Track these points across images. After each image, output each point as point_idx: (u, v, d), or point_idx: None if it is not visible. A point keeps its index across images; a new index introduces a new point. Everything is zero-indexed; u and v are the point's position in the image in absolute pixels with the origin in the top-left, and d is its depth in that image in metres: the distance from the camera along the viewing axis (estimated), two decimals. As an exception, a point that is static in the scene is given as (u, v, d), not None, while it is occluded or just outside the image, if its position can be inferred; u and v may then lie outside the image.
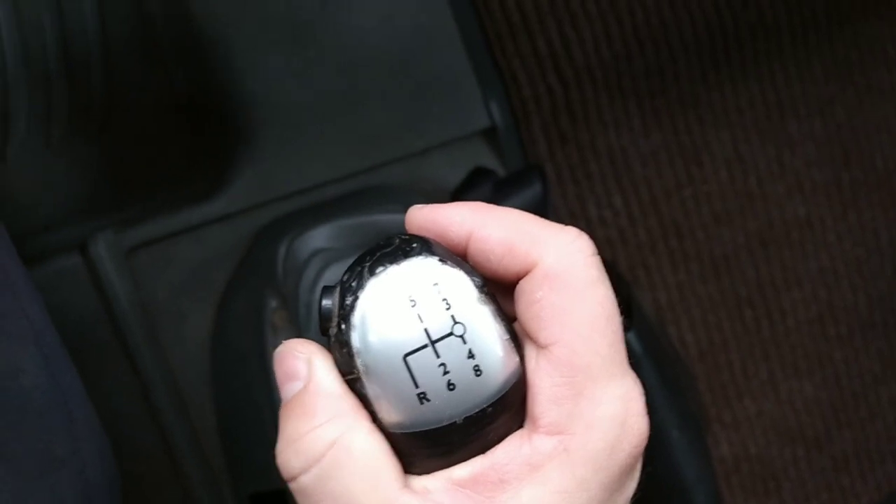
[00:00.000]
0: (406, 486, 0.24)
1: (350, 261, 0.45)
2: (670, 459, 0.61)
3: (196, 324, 0.57)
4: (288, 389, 0.24)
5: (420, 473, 0.24)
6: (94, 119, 0.57)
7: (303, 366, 0.24)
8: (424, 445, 0.24)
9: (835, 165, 0.79)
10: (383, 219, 0.52)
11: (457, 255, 0.25)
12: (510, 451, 0.24)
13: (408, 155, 0.61)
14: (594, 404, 0.24)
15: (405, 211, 0.54)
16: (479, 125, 0.64)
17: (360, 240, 0.51)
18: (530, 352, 0.25)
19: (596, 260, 0.25)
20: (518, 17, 0.67)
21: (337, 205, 0.57)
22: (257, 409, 0.53)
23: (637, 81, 0.71)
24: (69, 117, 0.55)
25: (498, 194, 0.58)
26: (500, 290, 0.25)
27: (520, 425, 0.25)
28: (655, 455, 0.61)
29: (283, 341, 0.25)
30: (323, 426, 0.23)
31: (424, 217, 0.26)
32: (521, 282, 0.24)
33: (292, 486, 0.24)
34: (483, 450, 0.24)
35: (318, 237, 0.51)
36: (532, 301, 0.24)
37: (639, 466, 0.25)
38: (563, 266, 0.24)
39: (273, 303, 0.52)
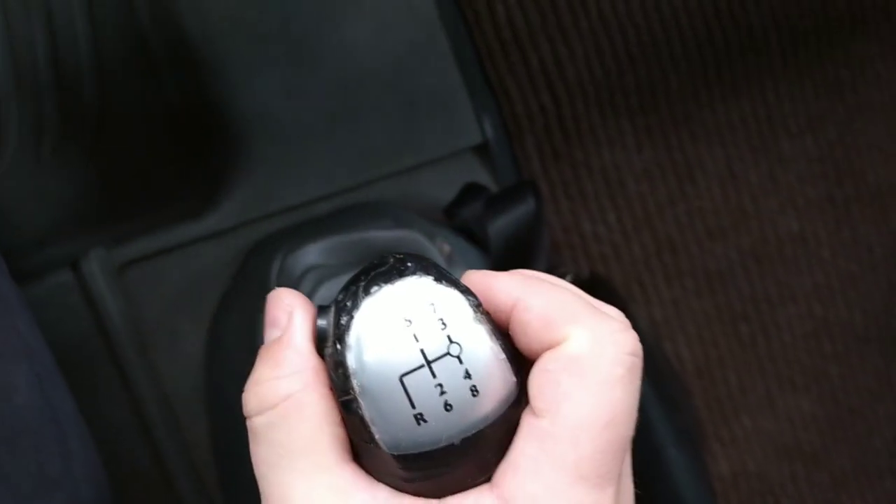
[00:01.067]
0: (350, 462, 0.24)
1: (343, 278, 0.45)
2: (668, 477, 0.61)
3: (189, 340, 0.57)
4: (268, 335, 0.25)
5: (416, 495, 0.24)
6: (86, 135, 0.57)
7: (283, 316, 0.25)
8: (421, 467, 0.24)
9: (827, 182, 0.79)
10: (376, 235, 0.52)
11: (455, 277, 0.25)
12: (462, 500, 0.23)
13: (400, 171, 0.61)
14: (551, 499, 0.23)
15: (397, 227, 0.54)
16: (471, 141, 0.64)
17: (354, 256, 0.51)
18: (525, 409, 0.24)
19: (630, 360, 0.24)
20: (510, 34, 0.67)
21: (330, 221, 0.57)
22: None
23: (629, 98, 0.72)
24: (60, 132, 0.55)
25: (491, 211, 0.58)
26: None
27: None
28: (653, 473, 0.60)
29: (276, 287, 0.26)
30: (283, 378, 0.24)
31: (477, 282, 0.25)
32: (543, 355, 0.24)
33: (247, 423, 0.25)
34: (481, 472, 0.24)
35: (312, 254, 0.51)
36: (543, 369, 0.23)
37: None
38: (589, 352, 0.23)
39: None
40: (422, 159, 0.62)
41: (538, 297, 0.24)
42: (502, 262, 0.58)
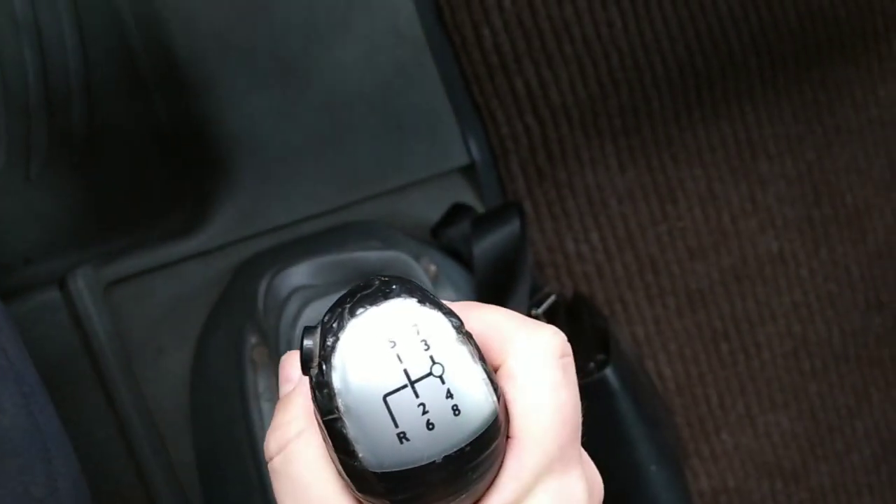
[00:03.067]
0: (348, 494, 0.26)
1: (330, 299, 0.46)
2: (649, 494, 0.61)
3: (175, 359, 0.57)
4: (283, 389, 0.29)
5: None
6: (75, 153, 0.57)
7: (296, 373, 0.28)
8: (404, 486, 0.24)
9: (806, 203, 0.81)
10: (363, 256, 0.53)
11: (438, 300, 0.25)
12: None
13: (388, 191, 0.62)
14: (533, 501, 0.25)
15: (385, 247, 0.54)
16: (458, 162, 0.65)
17: (341, 276, 0.52)
18: None
19: (563, 362, 0.26)
20: (496, 59, 0.68)
21: (317, 241, 0.58)
22: (236, 444, 0.53)
23: (612, 121, 0.73)
24: (49, 150, 0.55)
25: (477, 231, 0.59)
26: None
27: (500, 465, 0.25)
28: (634, 489, 0.61)
29: (288, 352, 0.29)
30: (294, 420, 0.27)
31: None
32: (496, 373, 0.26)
33: (269, 466, 0.28)
34: (463, 490, 0.25)
35: (299, 274, 0.51)
36: (501, 392, 0.26)
37: None
38: (523, 369, 0.26)
39: (253, 339, 0.52)
40: (408, 180, 0.63)
41: (473, 322, 0.26)
42: (487, 281, 0.59)
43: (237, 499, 0.54)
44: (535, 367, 0.26)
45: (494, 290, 0.58)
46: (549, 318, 0.60)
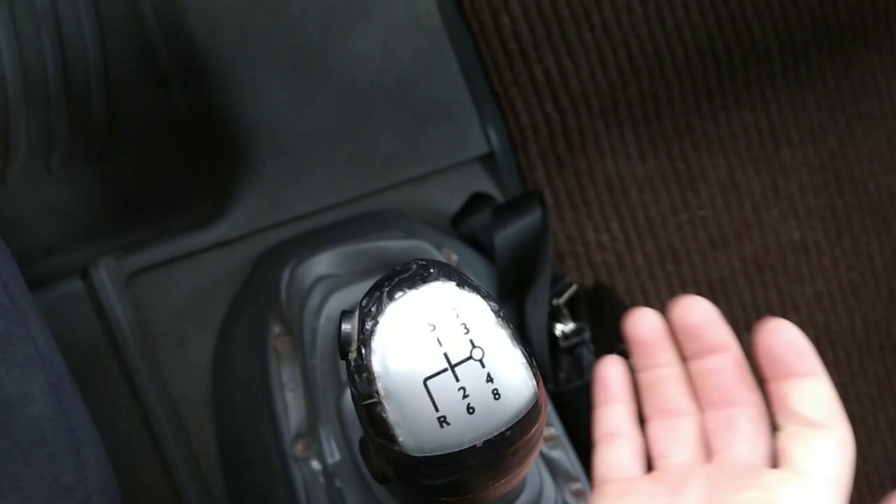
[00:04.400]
0: None
1: (353, 288, 0.45)
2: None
3: (197, 349, 0.57)
4: None
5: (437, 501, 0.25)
6: (95, 144, 0.57)
7: None
8: (444, 471, 0.24)
9: (828, 191, 0.80)
10: (385, 245, 0.53)
11: (476, 283, 0.25)
12: None
13: (407, 180, 0.62)
14: None
15: (406, 236, 0.54)
16: (477, 151, 0.65)
17: (363, 266, 0.51)
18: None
19: None
20: (515, 46, 0.68)
21: (338, 231, 0.57)
22: (259, 433, 0.53)
23: (633, 109, 0.72)
24: (69, 142, 0.56)
25: (498, 220, 0.59)
26: None
27: (538, 450, 0.25)
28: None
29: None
30: None
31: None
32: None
33: None
34: (502, 475, 0.24)
35: (321, 264, 0.51)
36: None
37: None
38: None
39: (276, 329, 0.52)
40: (428, 169, 0.62)
41: None
42: (508, 271, 0.58)
43: (260, 488, 0.54)
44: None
45: (516, 280, 0.58)
46: (571, 308, 0.59)
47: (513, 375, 0.24)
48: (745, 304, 0.78)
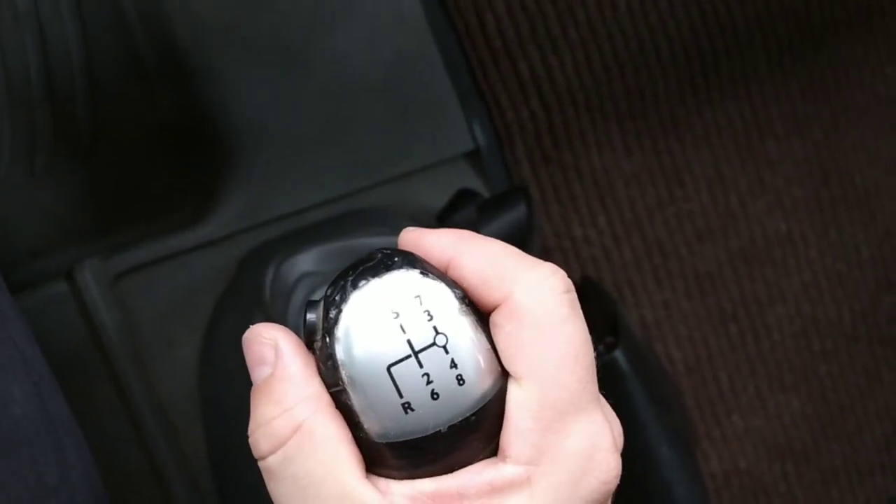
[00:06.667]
0: (366, 478, 0.24)
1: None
2: (661, 477, 0.61)
3: (184, 348, 0.57)
4: (257, 374, 0.26)
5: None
6: (79, 146, 0.57)
7: (269, 351, 0.25)
8: (409, 456, 0.24)
9: (814, 183, 0.80)
10: (369, 242, 0.53)
11: (440, 271, 0.25)
12: (475, 470, 0.24)
13: (393, 178, 0.62)
14: (560, 438, 0.24)
15: (391, 234, 0.55)
16: (462, 148, 0.65)
17: (348, 263, 0.52)
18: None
19: (568, 297, 0.25)
20: (500, 43, 0.68)
21: (323, 228, 0.58)
22: (247, 431, 0.53)
23: (618, 104, 0.73)
24: (54, 144, 0.56)
25: (483, 216, 0.59)
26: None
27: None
28: (645, 472, 0.61)
29: (250, 326, 0.26)
30: (288, 412, 0.24)
31: (411, 241, 0.27)
32: (494, 314, 0.25)
33: (261, 465, 0.25)
34: (467, 461, 0.25)
35: (305, 261, 0.51)
36: (503, 334, 0.25)
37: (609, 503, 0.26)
38: (532, 303, 0.25)
39: (261, 327, 0.52)
40: (413, 166, 0.62)
41: (470, 257, 0.25)
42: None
43: (249, 487, 0.54)
44: (542, 301, 0.24)
45: (502, 275, 0.58)
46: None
47: (476, 361, 0.24)
48: (733, 296, 0.78)
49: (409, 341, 0.24)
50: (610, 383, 0.58)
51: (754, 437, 0.79)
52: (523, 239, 0.59)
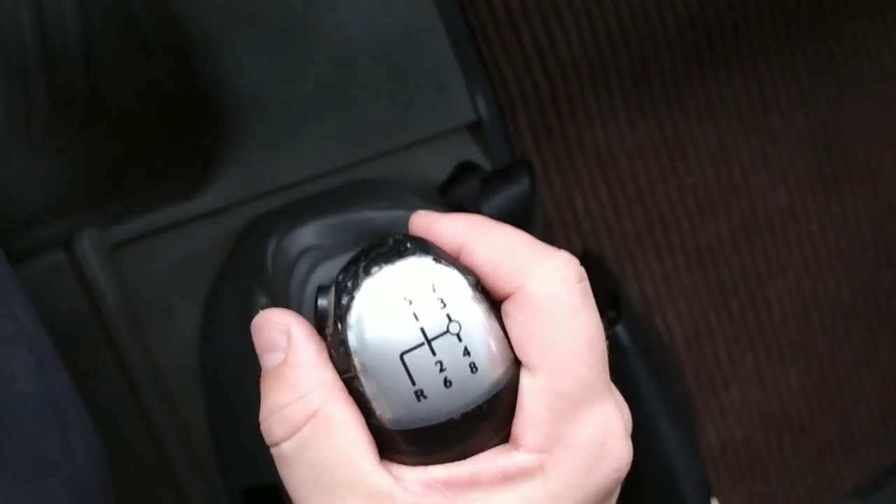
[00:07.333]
0: (380, 464, 0.24)
1: (340, 259, 0.45)
2: (659, 450, 0.62)
3: (183, 320, 0.57)
4: (268, 360, 0.25)
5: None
6: (76, 115, 0.56)
7: (281, 337, 0.25)
8: (421, 443, 0.24)
9: (818, 157, 0.80)
10: (373, 215, 0.52)
11: (454, 258, 0.25)
12: (488, 457, 0.25)
13: (394, 149, 0.61)
14: (573, 427, 0.24)
15: (393, 206, 0.54)
16: (465, 119, 0.64)
17: (350, 237, 0.51)
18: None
19: (581, 287, 0.25)
20: (503, 13, 0.67)
21: (324, 201, 0.57)
22: (248, 403, 0.53)
23: (622, 76, 0.72)
24: (50, 114, 0.55)
25: (486, 190, 0.58)
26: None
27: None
28: (645, 444, 0.61)
29: (260, 311, 0.26)
30: (303, 398, 0.24)
31: (422, 225, 0.26)
32: (505, 303, 0.25)
33: (274, 451, 0.25)
34: (479, 449, 0.25)
35: (307, 234, 0.51)
36: (515, 324, 0.25)
37: (618, 490, 0.26)
38: (545, 294, 0.25)
39: (262, 300, 0.52)
40: (415, 137, 0.62)
41: (482, 244, 0.25)
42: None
43: (249, 457, 0.54)
44: (555, 292, 0.24)
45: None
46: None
47: (489, 349, 0.24)
48: (733, 270, 0.78)
49: (422, 329, 0.24)
50: (611, 358, 0.59)
51: (752, 409, 0.80)
52: (526, 213, 0.58)
